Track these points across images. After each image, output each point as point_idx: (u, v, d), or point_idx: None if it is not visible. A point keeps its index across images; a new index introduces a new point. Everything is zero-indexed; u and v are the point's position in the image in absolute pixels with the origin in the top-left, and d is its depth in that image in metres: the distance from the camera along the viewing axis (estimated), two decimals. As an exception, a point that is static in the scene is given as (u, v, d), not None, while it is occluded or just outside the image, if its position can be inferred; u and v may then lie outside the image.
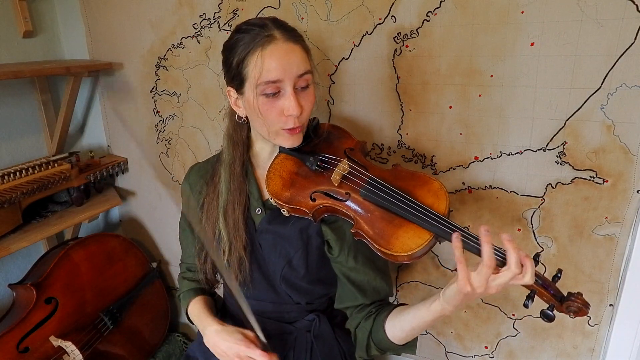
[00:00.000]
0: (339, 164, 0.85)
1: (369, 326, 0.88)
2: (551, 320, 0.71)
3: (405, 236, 0.76)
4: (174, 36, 1.35)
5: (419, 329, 0.80)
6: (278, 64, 0.77)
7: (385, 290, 0.93)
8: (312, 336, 1.00)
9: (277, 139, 0.86)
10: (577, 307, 0.71)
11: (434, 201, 0.79)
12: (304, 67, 0.81)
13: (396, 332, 0.84)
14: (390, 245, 0.77)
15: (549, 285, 0.72)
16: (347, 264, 0.90)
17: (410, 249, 0.75)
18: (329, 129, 0.97)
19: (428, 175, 0.84)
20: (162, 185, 1.56)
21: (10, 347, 1.21)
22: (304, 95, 0.82)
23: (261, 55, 0.78)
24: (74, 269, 1.38)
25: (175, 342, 1.70)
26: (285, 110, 0.80)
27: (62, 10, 1.54)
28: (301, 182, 0.87)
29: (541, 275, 0.73)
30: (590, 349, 1.08)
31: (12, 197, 1.26)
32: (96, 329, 1.41)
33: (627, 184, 0.94)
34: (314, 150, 0.91)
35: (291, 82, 0.79)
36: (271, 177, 0.88)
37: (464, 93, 1.02)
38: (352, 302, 0.92)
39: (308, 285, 0.96)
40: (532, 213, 1.04)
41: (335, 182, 0.83)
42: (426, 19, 1.00)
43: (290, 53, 0.79)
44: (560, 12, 0.88)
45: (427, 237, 0.75)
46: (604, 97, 0.90)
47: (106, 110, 1.59)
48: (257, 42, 0.78)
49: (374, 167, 0.87)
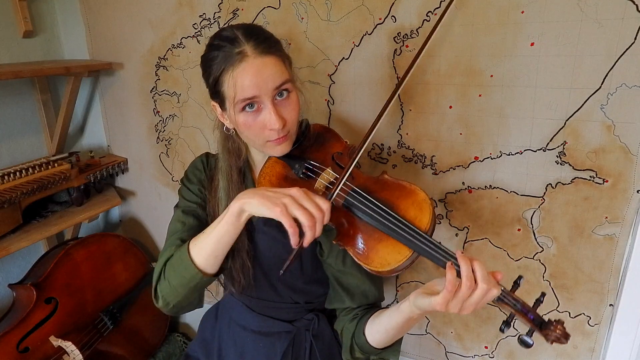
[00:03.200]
0: (322, 173, 0.84)
1: (352, 329, 0.88)
2: (528, 347, 0.69)
3: (385, 251, 0.75)
4: (174, 36, 1.35)
5: (392, 331, 0.80)
6: (251, 81, 0.75)
7: (374, 294, 0.92)
8: (311, 335, 1.00)
9: (265, 150, 0.85)
10: (556, 337, 0.68)
11: (416, 214, 0.77)
12: (280, 78, 0.78)
13: (374, 335, 0.83)
14: (369, 259, 0.76)
15: (528, 311, 0.70)
16: (336, 266, 0.90)
17: (389, 264, 0.74)
18: (320, 130, 0.95)
19: (414, 185, 0.81)
20: (162, 185, 1.56)
21: (10, 347, 1.21)
22: (285, 105, 0.80)
23: (233, 75, 0.76)
24: (74, 269, 1.38)
25: (175, 342, 1.70)
26: (267, 125, 0.79)
27: (62, 10, 1.54)
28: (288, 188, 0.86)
29: (520, 299, 0.70)
30: (590, 349, 1.08)
31: (12, 197, 1.26)
32: (96, 329, 1.41)
33: (627, 184, 0.94)
34: (303, 154, 0.89)
35: (268, 96, 0.77)
36: (261, 182, 0.88)
37: (464, 93, 1.02)
38: (339, 304, 0.92)
39: (305, 285, 0.97)
40: (532, 213, 1.04)
41: (318, 191, 0.82)
42: (426, 19, 1.00)
43: (262, 68, 0.76)
44: (560, 12, 0.88)
45: (406, 254, 0.74)
46: (604, 97, 0.90)
47: (106, 110, 1.59)
48: (227, 62, 0.76)
49: (359, 175, 0.85)
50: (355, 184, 0.82)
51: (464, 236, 1.14)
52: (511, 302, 0.69)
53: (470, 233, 1.13)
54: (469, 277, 0.66)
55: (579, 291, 1.05)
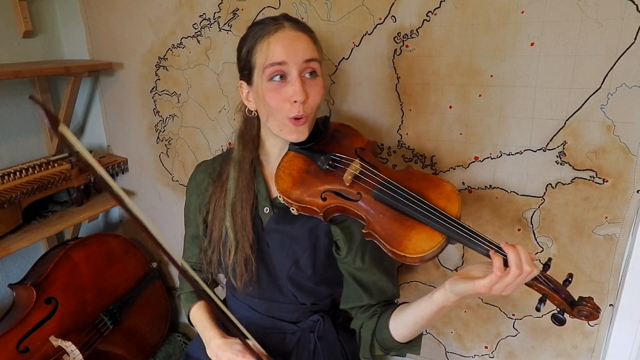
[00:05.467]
0: (351, 164, 0.84)
1: (372, 325, 0.88)
2: (562, 323, 0.72)
3: (418, 237, 0.76)
4: (174, 36, 1.35)
5: (422, 322, 0.80)
6: (283, 47, 0.80)
7: (392, 290, 0.93)
8: (315, 337, 1.00)
9: (282, 131, 0.85)
10: (588, 311, 0.71)
11: (445, 204, 0.79)
12: (310, 53, 0.82)
13: (399, 329, 0.84)
14: (402, 246, 0.76)
15: (560, 290, 0.73)
16: (354, 264, 0.90)
17: (423, 250, 0.74)
18: (339, 127, 0.97)
19: (440, 177, 0.83)
20: (162, 185, 1.56)
21: (10, 347, 1.21)
22: (310, 84, 0.83)
23: (268, 41, 0.81)
24: (74, 269, 1.38)
25: (175, 342, 1.70)
26: (290, 96, 0.80)
27: (62, 10, 1.54)
28: (311, 181, 0.86)
29: (553, 279, 0.73)
30: (590, 349, 1.08)
31: (12, 197, 1.26)
32: (96, 329, 1.41)
33: (627, 184, 0.94)
34: (324, 149, 0.90)
35: (297, 67, 0.80)
36: (280, 175, 0.87)
37: (464, 93, 1.02)
38: (357, 302, 0.92)
39: (314, 285, 0.96)
40: (532, 213, 1.04)
41: (347, 182, 0.83)
42: (426, 19, 1.00)
43: (296, 39, 0.81)
44: (560, 12, 0.88)
45: (439, 240, 0.75)
46: (604, 97, 0.90)
47: (106, 110, 1.59)
48: (264, 31, 0.82)
49: (385, 168, 0.86)
50: (384, 174, 0.83)
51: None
52: (545, 281, 0.72)
53: (470, 233, 1.13)
54: (518, 265, 0.68)
55: (579, 291, 1.05)
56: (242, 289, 0.96)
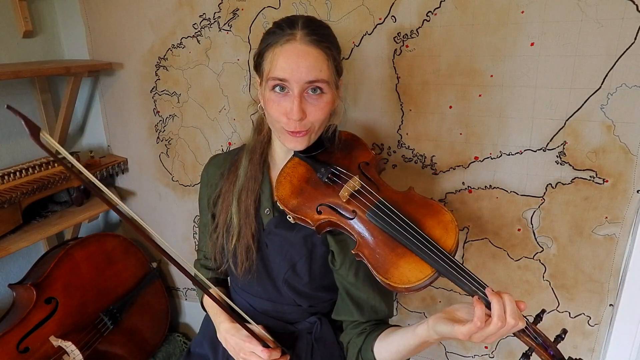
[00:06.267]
0: (349, 180, 0.81)
1: (359, 343, 0.87)
2: None
3: (406, 267, 0.72)
4: (174, 36, 1.35)
5: (404, 352, 0.79)
6: (287, 64, 0.77)
7: (384, 311, 0.90)
8: (313, 338, 1.00)
9: (281, 137, 0.85)
10: None
11: (442, 234, 0.74)
12: (316, 74, 0.77)
13: (383, 354, 0.83)
14: (389, 274, 0.73)
15: (549, 346, 0.68)
16: (347, 278, 0.89)
17: (409, 281, 0.71)
18: (347, 138, 0.94)
19: (441, 205, 0.79)
20: (162, 185, 1.56)
21: (10, 347, 1.21)
22: (314, 102, 0.80)
23: (274, 52, 0.78)
24: (74, 269, 1.38)
25: (175, 342, 1.70)
26: (288, 112, 0.79)
27: (62, 10, 1.54)
28: (310, 192, 0.84)
29: (542, 333, 0.69)
30: (590, 349, 1.08)
31: (12, 197, 1.26)
32: (96, 329, 1.41)
33: (627, 184, 0.94)
34: (329, 159, 0.87)
35: (298, 85, 0.77)
36: (281, 182, 0.87)
37: (464, 93, 1.02)
38: (348, 316, 0.91)
39: (311, 291, 0.95)
40: (532, 213, 1.04)
41: (343, 198, 0.80)
42: (426, 19, 1.00)
43: (302, 56, 0.77)
44: (560, 12, 0.89)
45: (428, 273, 0.71)
46: (604, 97, 0.90)
47: (106, 110, 1.59)
48: (276, 39, 0.79)
49: (386, 187, 0.83)
50: (381, 195, 0.80)
51: (464, 236, 1.14)
52: (533, 335, 0.68)
53: (470, 233, 1.13)
54: (501, 317, 0.64)
55: (579, 291, 1.05)
56: (241, 276, 0.95)
